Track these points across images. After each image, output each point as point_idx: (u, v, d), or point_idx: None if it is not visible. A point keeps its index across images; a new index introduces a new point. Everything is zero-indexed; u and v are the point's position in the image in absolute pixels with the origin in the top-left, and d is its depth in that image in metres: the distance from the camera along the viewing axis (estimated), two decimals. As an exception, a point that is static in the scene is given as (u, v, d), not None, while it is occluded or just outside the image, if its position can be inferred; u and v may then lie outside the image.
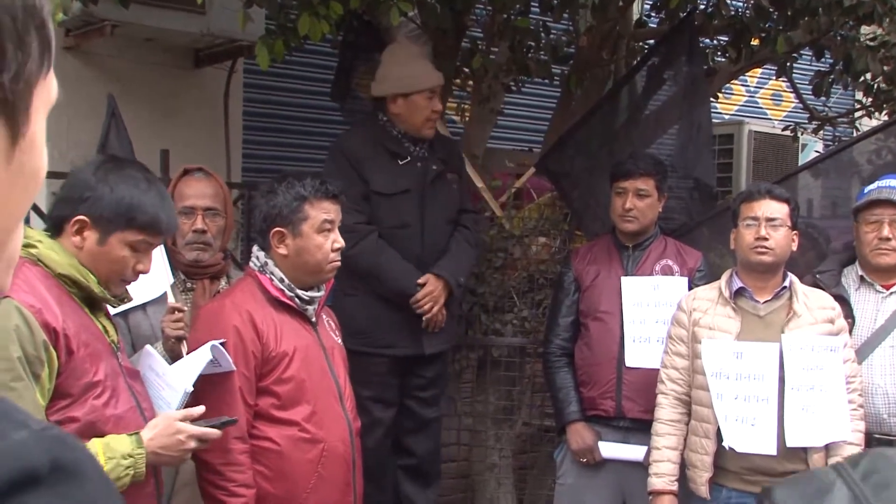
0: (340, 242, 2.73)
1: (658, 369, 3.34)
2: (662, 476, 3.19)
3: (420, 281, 3.66)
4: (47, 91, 0.67)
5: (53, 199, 2.28)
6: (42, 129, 0.67)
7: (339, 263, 2.76)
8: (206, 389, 2.50)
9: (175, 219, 2.36)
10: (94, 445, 2.07)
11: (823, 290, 3.26)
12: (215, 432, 2.33)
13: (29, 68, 0.62)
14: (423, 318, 3.67)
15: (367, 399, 3.62)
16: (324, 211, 2.69)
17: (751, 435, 2.97)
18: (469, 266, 3.93)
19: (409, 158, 3.74)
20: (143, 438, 2.15)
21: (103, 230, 2.18)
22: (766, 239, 3.09)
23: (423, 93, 3.73)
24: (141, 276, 2.31)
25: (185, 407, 2.40)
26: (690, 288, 3.49)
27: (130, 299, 2.38)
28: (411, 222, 3.71)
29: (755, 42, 4.90)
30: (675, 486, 3.18)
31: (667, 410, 3.24)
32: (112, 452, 2.08)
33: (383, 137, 3.76)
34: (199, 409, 2.32)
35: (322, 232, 2.69)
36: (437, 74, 3.83)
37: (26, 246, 2.15)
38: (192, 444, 2.27)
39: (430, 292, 3.66)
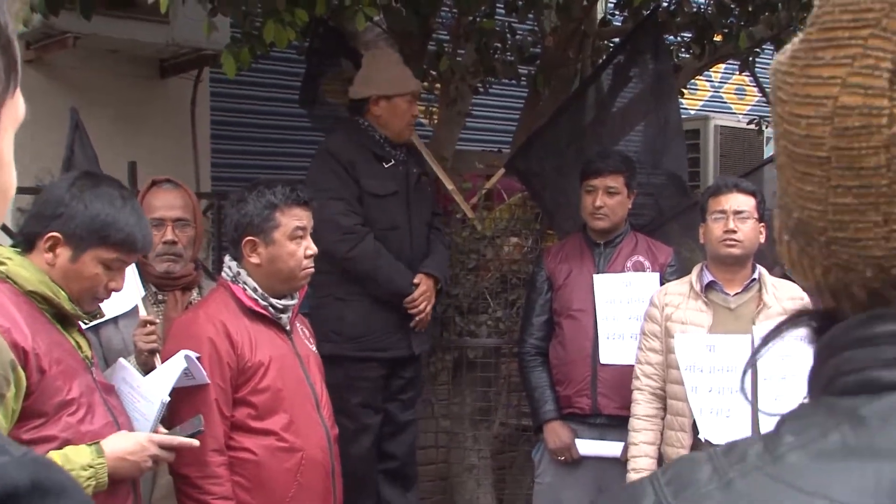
0: (313, 249, 2.72)
1: (632, 365, 3.36)
2: (640, 471, 3.21)
3: (414, 281, 3.74)
4: (14, 109, 0.66)
5: (25, 214, 2.25)
6: (10, 148, 0.66)
7: (312, 270, 2.75)
8: (182, 402, 2.49)
9: (150, 237, 2.34)
10: (53, 457, 2.04)
11: (792, 281, 3.30)
12: (179, 439, 2.31)
13: None
14: (414, 318, 3.75)
15: (356, 406, 3.65)
16: (295, 218, 2.68)
17: (726, 426, 3.01)
18: (447, 265, 4.04)
19: (392, 162, 3.82)
20: (103, 448, 2.12)
21: (76, 247, 2.16)
22: (734, 231, 3.13)
23: (405, 96, 3.80)
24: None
25: (162, 419, 2.38)
26: (662, 283, 3.52)
27: (103, 315, 2.37)
28: (400, 224, 3.78)
29: (718, 38, 4.96)
30: None
31: (643, 406, 3.27)
32: (71, 464, 2.04)
33: (367, 141, 3.80)
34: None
35: (294, 239, 2.68)
36: (417, 80, 3.97)
37: (-4, 263, 2.13)
38: (156, 450, 2.24)
39: (423, 291, 3.75)
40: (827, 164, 0.65)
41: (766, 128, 6.84)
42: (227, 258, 2.77)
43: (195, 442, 2.34)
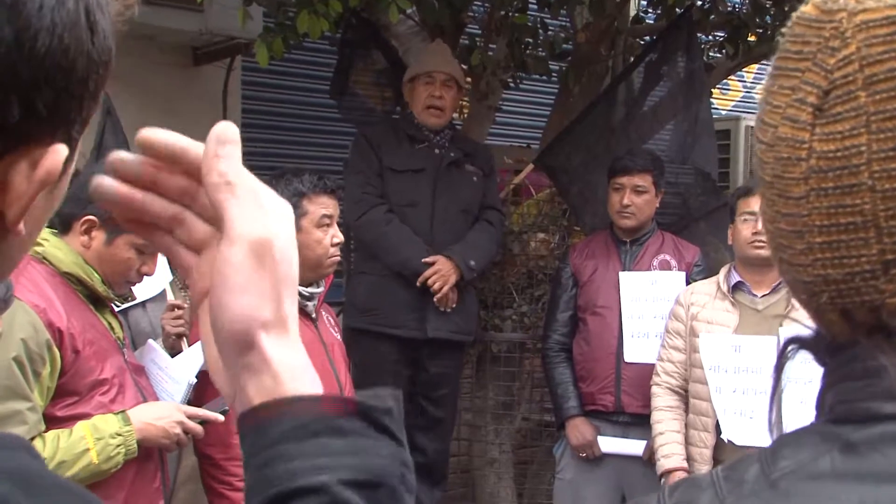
0: (339, 237, 2.74)
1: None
2: (671, 456, 3.17)
3: (429, 260, 3.69)
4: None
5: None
6: None
7: (338, 258, 2.77)
8: (208, 384, 2.52)
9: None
10: (81, 428, 2.08)
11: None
12: (205, 411, 2.34)
13: (92, 112, 0.60)
14: (434, 298, 3.70)
15: (372, 386, 3.65)
16: (322, 206, 2.70)
17: (749, 428, 2.99)
18: (485, 254, 3.91)
19: (426, 143, 3.85)
20: (129, 416, 2.16)
21: (111, 231, 2.19)
22: (763, 233, 3.11)
23: (420, 78, 3.84)
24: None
25: (189, 401, 2.42)
26: (688, 282, 3.50)
27: (134, 298, 2.40)
28: (420, 201, 3.78)
29: (752, 38, 4.92)
30: (686, 465, 3.16)
31: (663, 398, 3.26)
32: (99, 433, 2.08)
33: (404, 123, 3.95)
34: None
35: (321, 227, 2.70)
36: (439, 61, 3.92)
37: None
38: (182, 417, 2.27)
39: (437, 270, 3.69)
40: (770, 188, 0.68)
41: (799, 130, 6.76)
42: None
43: (220, 416, 2.37)
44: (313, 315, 2.78)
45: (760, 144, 0.69)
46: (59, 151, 0.56)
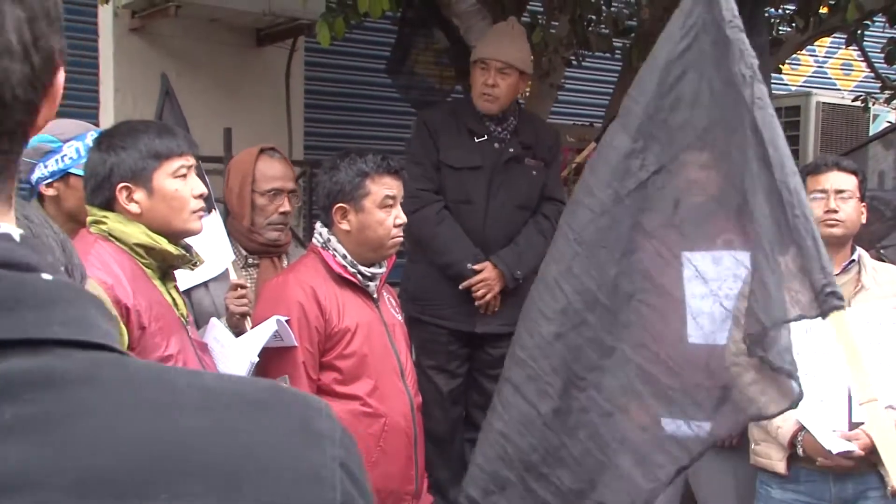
0: (402, 218, 2.73)
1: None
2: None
3: (477, 267, 3.62)
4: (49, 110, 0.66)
5: (87, 191, 2.26)
6: None
7: (401, 239, 2.76)
8: (270, 363, 2.55)
9: (188, 131, 2.36)
10: None
11: (891, 263, 3.18)
12: None
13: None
14: (476, 303, 3.63)
15: (429, 368, 3.65)
16: (385, 186, 2.70)
17: (821, 411, 2.92)
18: (536, 258, 3.74)
19: (486, 137, 3.74)
20: None
21: (145, 180, 2.18)
22: (835, 211, 3.01)
23: (477, 63, 3.76)
24: (204, 246, 2.33)
25: (251, 380, 2.44)
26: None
27: (202, 261, 2.40)
28: (475, 199, 3.70)
29: (824, 10, 4.77)
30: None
31: None
32: None
33: (465, 113, 3.80)
34: None
35: (384, 207, 2.70)
36: (496, 48, 3.79)
37: (96, 223, 2.20)
38: None
39: (485, 279, 3.62)
40: None
41: (873, 105, 6.56)
42: (318, 225, 2.81)
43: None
44: (374, 295, 2.78)
45: None
46: None
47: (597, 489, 2.23)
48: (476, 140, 3.73)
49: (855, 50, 6.32)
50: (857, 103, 6.53)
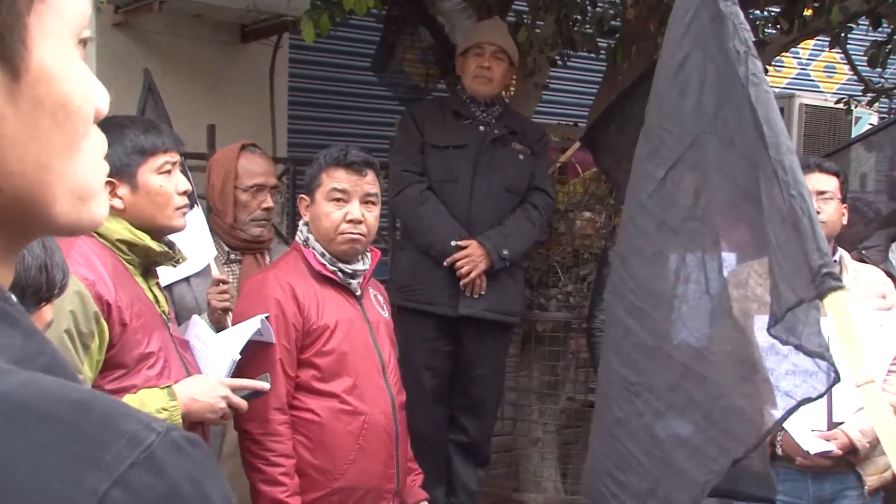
0: (354, 215, 2.66)
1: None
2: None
3: (462, 243, 3.64)
4: (55, 14, 0.61)
5: None
6: (64, 56, 0.61)
7: (352, 237, 2.67)
8: (248, 360, 2.54)
9: (171, 127, 2.37)
10: (130, 402, 2.10)
11: (871, 264, 3.20)
12: (250, 381, 2.36)
13: None
14: (461, 282, 3.64)
15: (418, 366, 3.66)
16: (335, 179, 2.66)
17: (800, 411, 2.92)
18: (523, 242, 3.81)
19: (471, 120, 3.81)
20: (175, 391, 2.17)
21: (129, 176, 2.18)
22: (817, 213, 3.03)
23: (471, 50, 3.85)
24: (186, 242, 2.33)
25: (231, 377, 2.43)
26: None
27: (185, 258, 2.39)
28: (460, 177, 3.73)
29: (808, 12, 4.79)
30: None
31: None
32: (146, 408, 2.08)
33: (451, 99, 3.95)
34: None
35: (332, 200, 2.66)
36: (490, 34, 3.91)
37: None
38: (227, 392, 2.28)
39: (469, 254, 3.63)
40: None
41: (856, 107, 6.60)
42: (300, 222, 2.80)
43: (266, 385, 2.38)
44: (358, 292, 2.77)
45: None
46: None
47: (661, 485, 2.26)
48: (461, 122, 3.80)
49: (838, 52, 6.35)
50: (840, 105, 6.56)
